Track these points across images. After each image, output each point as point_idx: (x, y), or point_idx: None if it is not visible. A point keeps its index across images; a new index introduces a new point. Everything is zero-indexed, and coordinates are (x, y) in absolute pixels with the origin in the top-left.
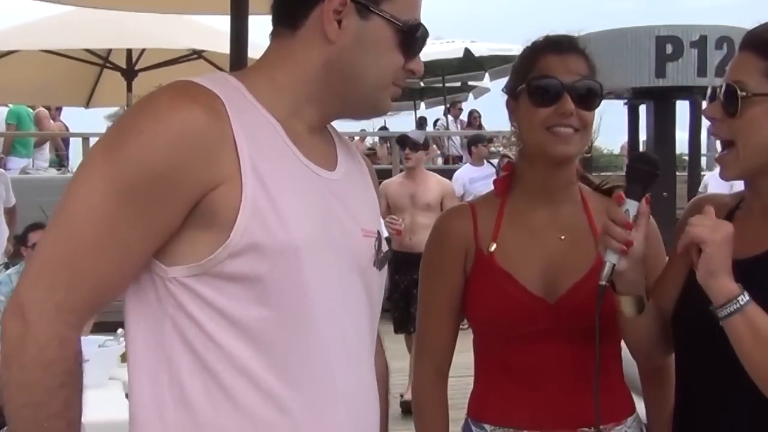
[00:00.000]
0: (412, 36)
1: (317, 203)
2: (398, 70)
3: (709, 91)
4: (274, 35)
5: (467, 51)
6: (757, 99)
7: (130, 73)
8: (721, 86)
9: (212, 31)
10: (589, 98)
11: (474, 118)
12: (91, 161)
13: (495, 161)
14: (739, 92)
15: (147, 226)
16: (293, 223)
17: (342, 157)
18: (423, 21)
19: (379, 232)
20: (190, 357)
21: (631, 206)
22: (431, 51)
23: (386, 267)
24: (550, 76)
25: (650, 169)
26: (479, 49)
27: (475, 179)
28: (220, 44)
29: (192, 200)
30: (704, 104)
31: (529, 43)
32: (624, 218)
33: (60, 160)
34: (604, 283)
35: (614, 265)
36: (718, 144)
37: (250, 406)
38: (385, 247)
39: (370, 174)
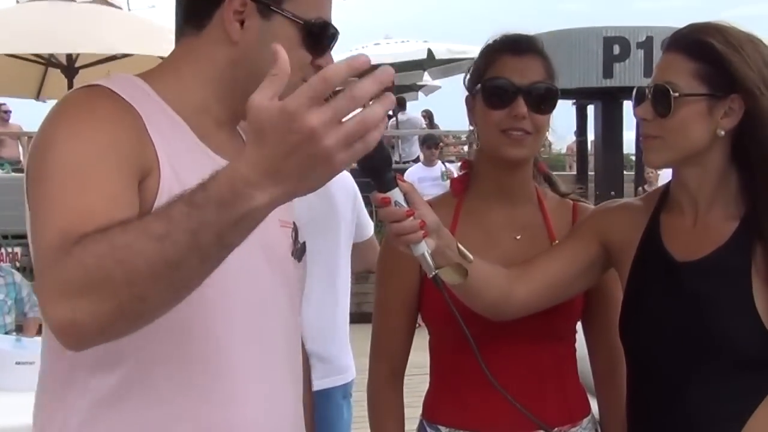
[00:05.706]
0: (317, 34)
1: None
2: (305, 67)
3: (634, 92)
4: (179, 35)
5: (430, 52)
6: (688, 99)
7: (70, 70)
8: (650, 87)
9: (152, 29)
10: (543, 102)
11: (424, 117)
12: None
13: (455, 164)
14: (672, 93)
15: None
16: None
17: None
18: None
19: (295, 224)
20: (95, 354)
21: (396, 195)
22: (395, 52)
23: (305, 259)
24: (504, 78)
25: (376, 157)
26: (427, 50)
27: (424, 179)
28: (157, 45)
29: (137, 176)
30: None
31: (488, 42)
32: (401, 212)
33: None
34: (434, 273)
35: (426, 251)
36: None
37: (163, 395)
38: (302, 239)
39: None
